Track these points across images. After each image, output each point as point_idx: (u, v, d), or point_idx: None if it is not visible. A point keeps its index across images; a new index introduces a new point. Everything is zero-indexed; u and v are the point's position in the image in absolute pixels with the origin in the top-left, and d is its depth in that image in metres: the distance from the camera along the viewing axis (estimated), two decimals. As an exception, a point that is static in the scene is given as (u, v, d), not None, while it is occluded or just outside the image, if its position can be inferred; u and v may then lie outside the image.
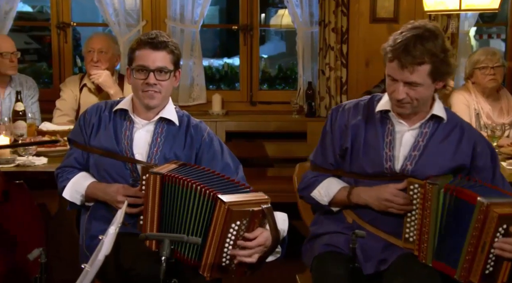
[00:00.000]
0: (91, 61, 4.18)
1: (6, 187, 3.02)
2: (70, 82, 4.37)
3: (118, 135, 2.65)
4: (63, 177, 2.71)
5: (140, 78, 2.59)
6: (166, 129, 2.67)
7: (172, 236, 2.01)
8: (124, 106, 2.70)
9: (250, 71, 5.05)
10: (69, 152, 2.77)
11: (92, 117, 2.70)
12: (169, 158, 2.60)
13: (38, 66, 6.34)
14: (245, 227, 2.26)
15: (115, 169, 2.61)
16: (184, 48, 4.88)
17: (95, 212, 2.64)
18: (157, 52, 2.57)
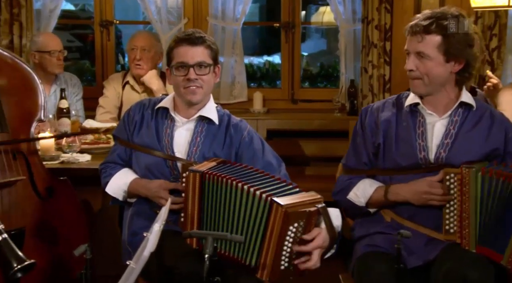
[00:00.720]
0: (134, 59, 4.24)
1: (51, 184, 3.08)
2: (113, 80, 4.44)
3: (159, 133, 2.69)
4: (106, 173, 2.77)
5: (181, 74, 2.63)
6: (206, 128, 2.70)
7: (215, 234, 2.03)
8: (165, 104, 2.74)
9: (291, 69, 5.05)
10: (113, 148, 2.84)
11: (135, 115, 2.75)
12: (208, 157, 2.62)
13: (81, 63, 6.46)
14: (302, 228, 2.25)
15: (156, 166, 2.65)
16: (225, 46, 4.91)
17: (137, 209, 2.69)
18: (195, 47, 2.61)
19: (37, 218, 2.99)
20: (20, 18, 4.61)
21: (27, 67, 3.09)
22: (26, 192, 2.96)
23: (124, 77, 4.41)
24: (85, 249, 2.01)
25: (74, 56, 7.11)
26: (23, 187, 2.95)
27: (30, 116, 3.04)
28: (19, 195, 2.92)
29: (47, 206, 3.03)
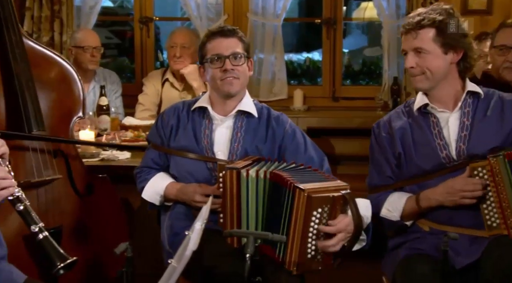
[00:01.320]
0: (173, 56, 4.27)
1: (90, 181, 3.11)
2: (153, 77, 4.48)
3: (197, 134, 2.69)
4: (141, 178, 2.79)
5: (216, 67, 2.64)
6: (245, 122, 2.70)
7: (257, 233, 2.03)
8: (202, 103, 2.74)
9: (332, 65, 5.01)
10: (147, 153, 2.85)
11: (170, 119, 2.76)
12: (250, 153, 2.63)
13: (120, 60, 6.53)
14: (327, 214, 2.26)
15: (196, 168, 2.66)
16: (265, 42, 4.91)
17: (177, 209, 2.70)
18: (228, 39, 2.65)
19: (75, 216, 3.03)
20: (61, 15, 4.68)
21: (67, 64, 3.11)
22: (65, 190, 2.99)
23: (164, 74, 4.44)
24: (126, 247, 2.01)
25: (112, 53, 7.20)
26: (62, 185, 2.98)
27: (69, 114, 3.07)
28: (57, 193, 2.95)
29: (86, 204, 3.06)
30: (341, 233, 2.30)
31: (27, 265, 2.57)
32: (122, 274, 2.02)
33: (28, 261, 2.72)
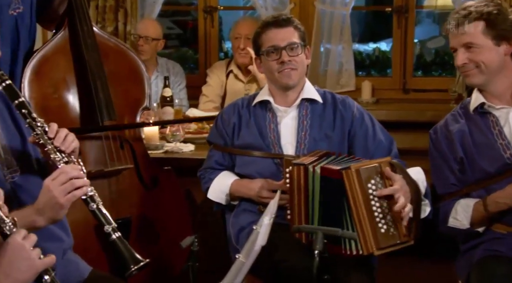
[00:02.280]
0: (238, 48, 4.29)
1: (155, 173, 3.18)
2: (217, 68, 4.52)
3: (262, 130, 2.71)
4: (205, 178, 2.83)
5: (273, 59, 2.65)
6: (310, 110, 2.71)
7: (326, 229, 2.03)
8: (263, 97, 2.75)
9: (403, 56, 4.93)
10: (210, 153, 2.88)
11: (230, 117, 2.78)
12: (319, 141, 2.63)
13: (184, 51, 6.60)
14: (381, 184, 2.31)
15: (263, 165, 2.67)
16: (332, 32, 4.87)
17: (242, 206, 2.73)
18: (283, 29, 2.65)
19: (142, 208, 3.11)
20: (125, 5, 4.76)
21: (134, 55, 3.19)
22: (132, 181, 3.08)
23: (228, 65, 4.47)
24: (192, 241, 2.04)
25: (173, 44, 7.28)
26: (129, 176, 3.07)
27: (136, 104, 3.15)
28: (125, 184, 3.04)
29: (152, 196, 3.14)
30: (400, 193, 2.31)
31: (92, 256, 2.65)
32: (187, 268, 2.05)
33: (93, 252, 2.81)
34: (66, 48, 2.97)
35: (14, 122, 2.11)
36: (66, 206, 1.92)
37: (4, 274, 1.45)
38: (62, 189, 1.91)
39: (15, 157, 2.05)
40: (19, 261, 1.47)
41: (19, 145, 2.09)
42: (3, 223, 1.51)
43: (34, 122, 2.01)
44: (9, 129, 2.08)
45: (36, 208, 1.91)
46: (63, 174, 1.93)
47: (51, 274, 1.56)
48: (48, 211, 1.90)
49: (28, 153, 2.11)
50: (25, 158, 2.09)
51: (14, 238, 1.49)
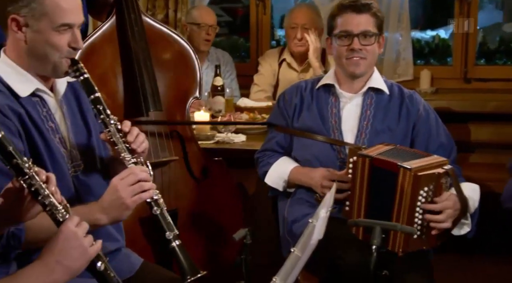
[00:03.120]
0: (294, 38, 4.26)
1: (205, 164, 3.20)
2: (269, 56, 4.51)
3: (323, 113, 2.70)
4: (264, 162, 2.83)
5: (344, 44, 2.62)
6: (375, 99, 2.68)
7: (384, 223, 2.01)
8: (328, 80, 2.74)
9: (465, 43, 4.84)
10: (270, 135, 2.87)
11: (293, 98, 2.77)
12: (380, 132, 2.62)
13: (234, 39, 6.60)
14: (432, 193, 2.27)
15: (321, 150, 2.66)
16: (390, 19, 4.81)
17: (298, 196, 2.72)
18: (360, 15, 2.60)
19: (191, 200, 3.13)
20: (176, -8, 4.80)
21: (184, 42, 3.20)
22: (180, 173, 3.10)
23: (281, 53, 4.45)
24: (245, 233, 2.05)
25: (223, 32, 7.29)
26: (178, 167, 3.09)
27: (186, 94, 3.16)
28: (173, 176, 3.06)
29: (202, 188, 3.16)
30: (449, 210, 2.30)
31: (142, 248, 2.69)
32: (240, 261, 2.06)
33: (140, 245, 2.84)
34: (113, 37, 3.00)
35: (83, 117, 2.15)
36: (131, 207, 1.96)
37: (56, 261, 1.48)
38: (130, 190, 1.94)
39: (80, 153, 2.09)
40: (72, 249, 1.50)
41: (85, 141, 2.13)
42: (56, 210, 1.54)
43: (108, 119, 2.05)
44: (77, 124, 2.12)
45: (100, 206, 1.94)
46: (132, 175, 1.96)
47: (104, 261, 1.59)
48: (113, 211, 1.94)
49: (93, 150, 2.15)
50: (89, 155, 2.13)
51: (67, 225, 1.52)
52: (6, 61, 1.98)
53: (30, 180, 1.51)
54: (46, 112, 2.01)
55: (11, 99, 1.92)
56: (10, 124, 1.87)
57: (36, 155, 1.93)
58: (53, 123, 2.02)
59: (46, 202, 1.53)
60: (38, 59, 1.95)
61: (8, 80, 1.95)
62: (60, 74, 2.00)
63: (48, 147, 1.97)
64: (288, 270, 1.68)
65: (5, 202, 1.57)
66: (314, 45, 4.14)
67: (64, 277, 1.50)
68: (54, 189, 1.57)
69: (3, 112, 1.87)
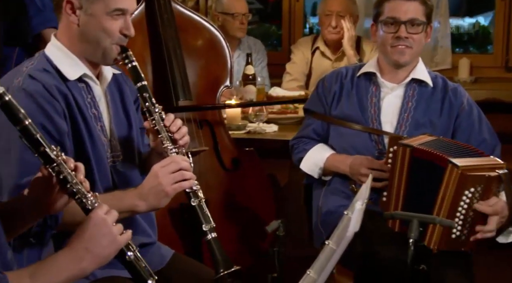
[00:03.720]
0: (328, 25, 4.23)
1: (236, 155, 3.20)
2: (302, 44, 4.49)
3: (363, 102, 2.68)
4: (299, 148, 2.82)
5: (390, 31, 2.60)
6: (418, 92, 2.66)
7: (422, 216, 1.99)
8: (370, 69, 2.72)
9: (507, 31, 4.78)
10: (307, 122, 2.86)
11: (332, 85, 2.75)
12: (421, 125, 2.60)
13: (266, 27, 6.59)
14: (479, 195, 2.23)
15: (360, 140, 2.65)
16: (427, 5, 4.76)
17: (332, 186, 2.71)
18: (409, 2, 2.57)
19: (221, 191, 3.13)
20: (208, -21, 4.81)
21: (215, 30, 3.20)
22: (211, 163, 3.11)
23: (314, 41, 4.44)
24: (278, 225, 2.03)
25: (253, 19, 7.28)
26: (208, 158, 3.09)
27: (216, 83, 3.17)
28: (203, 166, 3.05)
29: (232, 179, 3.16)
30: (496, 216, 2.26)
31: (172, 240, 2.70)
32: (273, 253, 2.05)
33: (172, 236, 2.88)
34: (143, 24, 3.01)
35: (124, 110, 2.17)
36: (170, 195, 1.97)
37: (85, 249, 1.49)
38: (171, 177, 1.95)
39: (119, 144, 2.11)
40: (101, 237, 1.50)
41: (126, 133, 2.15)
42: (85, 198, 1.55)
43: (153, 107, 2.07)
44: (119, 115, 2.14)
45: (139, 192, 1.96)
46: (174, 163, 1.97)
47: (134, 250, 1.59)
48: (151, 198, 1.95)
49: (133, 143, 2.17)
50: (129, 147, 2.15)
51: (96, 212, 1.52)
52: (57, 44, 2.01)
53: (58, 168, 1.52)
54: (91, 99, 2.03)
55: (59, 81, 1.96)
56: (56, 105, 1.91)
57: (78, 139, 1.96)
58: (96, 110, 2.05)
59: (75, 189, 1.54)
60: (89, 43, 1.98)
61: (57, 62, 1.98)
62: (109, 60, 2.03)
63: (90, 133, 1.99)
64: (322, 263, 1.66)
65: (34, 192, 1.59)
66: (349, 32, 4.12)
67: (93, 265, 1.51)
68: (83, 178, 1.57)
69: (50, 92, 1.91)
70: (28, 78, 1.91)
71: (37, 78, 1.91)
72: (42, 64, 1.97)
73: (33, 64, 1.97)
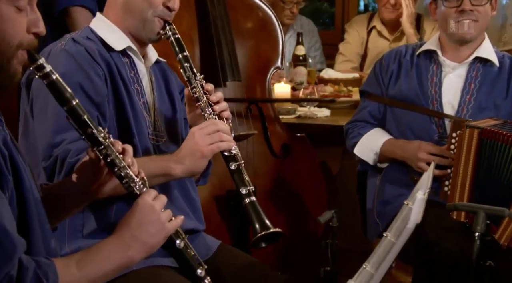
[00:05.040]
0: (386, 2, 4.19)
1: (287, 141, 3.19)
2: (357, 23, 4.45)
3: (423, 82, 2.65)
4: (354, 133, 2.80)
5: (452, 6, 2.57)
6: (482, 72, 2.63)
7: (490, 208, 1.95)
8: (430, 46, 2.69)
9: None
10: (362, 105, 2.85)
11: (390, 64, 2.74)
12: (485, 108, 2.57)
13: (318, 4, 6.57)
14: None
15: (419, 123, 2.63)
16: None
17: (389, 174, 2.69)
18: None
19: (270, 179, 3.13)
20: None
21: (267, 8, 3.19)
22: (259, 149, 3.10)
23: (370, 20, 4.39)
24: (331, 216, 2.04)
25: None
26: (256, 143, 3.09)
27: (267, 63, 3.16)
28: (251, 152, 3.06)
29: (282, 166, 3.15)
30: None
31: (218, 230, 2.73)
32: (326, 246, 2.05)
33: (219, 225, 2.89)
34: (190, 1, 3.01)
35: (170, 97, 2.21)
36: (207, 156, 1.98)
37: (132, 236, 1.49)
38: (208, 138, 1.98)
39: (164, 124, 2.15)
40: (148, 224, 1.50)
41: (170, 115, 2.19)
42: (132, 182, 1.54)
43: (194, 76, 2.10)
44: (163, 97, 2.18)
45: (175, 155, 1.99)
46: (212, 125, 2.00)
47: (184, 238, 1.59)
48: (187, 160, 1.97)
49: (177, 127, 2.20)
50: (173, 130, 2.18)
51: (144, 198, 1.52)
52: (102, 18, 2.10)
53: (106, 151, 1.52)
54: (134, 74, 2.08)
55: (103, 49, 2.03)
56: (97, 67, 1.97)
57: (120, 108, 2.01)
58: (139, 86, 2.09)
59: (122, 173, 1.54)
60: (132, 15, 2.04)
61: (101, 34, 2.06)
62: (152, 34, 2.07)
63: (132, 105, 2.04)
64: (380, 257, 1.65)
65: (81, 176, 1.60)
66: (409, 9, 4.06)
67: (140, 254, 1.51)
68: (131, 161, 1.58)
69: (92, 55, 1.98)
70: (71, 41, 2.00)
71: (80, 42, 2.00)
72: (86, 33, 2.06)
73: (77, 33, 2.06)
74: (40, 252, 1.43)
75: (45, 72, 1.46)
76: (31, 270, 1.33)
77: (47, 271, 1.36)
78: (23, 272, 1.32)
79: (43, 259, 1.39)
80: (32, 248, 1.41)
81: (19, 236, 1.34)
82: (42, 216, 1.48)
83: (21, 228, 1.38)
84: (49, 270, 1.36)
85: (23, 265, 1.33)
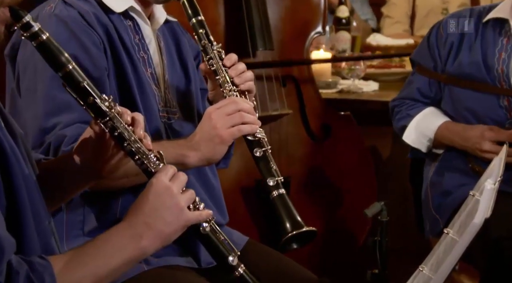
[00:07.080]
0: None
1: (327, 120, 3.18)
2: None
3: (488, 58, 2.59)
4: (401, 114, 2.76)
5: None
6: None
7: None
8: (500, 14, 2.61)
9: None
10: (411, 78, 2.80)
11: (449, 34, 2.67)
12: None
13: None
14: None
15: (482, 106, 2.58)
16: None
17: (448, 161, 2.66)
18: None
19: (308, 165, 3.14)
20: None
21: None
22: (295, 130, 3.11)
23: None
24: (380, 208, 2.01)
25: None
26: (292, 124, 3.10)
27: (306, 28, 3.14)
28: (285, 134, 3.07)
29: (322, 150, 3.16)
30: None
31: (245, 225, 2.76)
32: (374, 244, 2.03)
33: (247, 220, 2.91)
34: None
35: (182, 65, 2.18)
36: (226, 141, 1.94)
37: (145, 223, 1.43)
38: (228, 119, 1.94)
39: (176, 98, 2.12)
40: (164, 210, 1.44)
41: (183, 87, 2.15)
42: (146, 159, 1.49)
43: (210, 44, 2.06)
44: (175, 67, 2.15)
45: (190, 140, 1.95)
46: (232, 104, 1.96)
47: (210, 220, 1.54)
48: (204, 146, 1.93)
49: (192, 101, 2.17)
50: (188, 105, 2.15)
51: (159, 178, 1.46)
52: None
53: (112, 122, 1.48)
54: (139, 40, 2.04)
55: (99, 11, 1.98)
56: (94, 35, 1.92)
57: (124, 82, 1.98)
58: (146, 54, 2.05)
59: (133, 148, 1.49)
60: None
61: None
62: None
63: (138, 78, 2.00)
64: (440, 257, 1.64)
65: (84, 152, 1.56)
66: None
67: (155, 244, 1.45)
68: (143, 133, 1.54)
69: (88, 21, 1.93)
70: (62, 4, 1.94)
71: (73, 4, 1.94)
72: None
73: None
74: (36, 250, 1.40)
75: (33, 31, 1.40)
76: (23, 275, 1.30)
77: (42, 273, 1.32)
78: (13, 276, 1.29)
79: (37, 259, 1.35)
80: (25, 246, 1.37)
81: (8, 234, 1.30)
82: (37, 207, 1.44)
83: (11, 224, 1.34)
84: (44, 272, 1.33)
85: (13, 269, 1.29)
